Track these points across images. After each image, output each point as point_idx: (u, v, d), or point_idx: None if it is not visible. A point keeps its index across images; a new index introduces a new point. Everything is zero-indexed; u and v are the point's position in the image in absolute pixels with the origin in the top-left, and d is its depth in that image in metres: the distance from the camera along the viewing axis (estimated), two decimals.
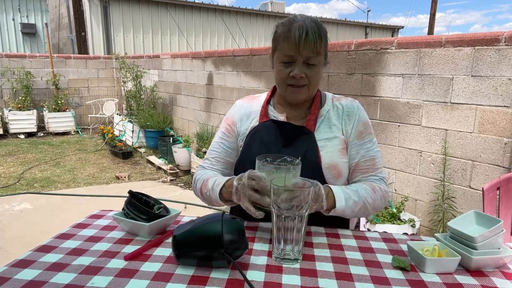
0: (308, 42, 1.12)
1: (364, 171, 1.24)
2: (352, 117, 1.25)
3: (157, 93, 6.99)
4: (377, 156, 1.25)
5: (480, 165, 2.59)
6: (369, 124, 1.27)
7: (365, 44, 3.21)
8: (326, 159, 1.19)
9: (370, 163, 1.23)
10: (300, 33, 1.12)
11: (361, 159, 1.23)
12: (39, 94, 7.90)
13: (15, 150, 6.29)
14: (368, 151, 1.24)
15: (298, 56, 1.14)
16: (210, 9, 11.92)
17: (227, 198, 1.15)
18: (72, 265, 0.89)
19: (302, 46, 1.12)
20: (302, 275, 0.87)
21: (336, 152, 1.21)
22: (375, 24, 16.07)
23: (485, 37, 2.48)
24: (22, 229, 3.30)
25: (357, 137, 1.24)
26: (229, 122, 1.34)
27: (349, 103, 1.28)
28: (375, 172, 1.24)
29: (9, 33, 12.13)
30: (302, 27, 1.13)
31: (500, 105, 2.44)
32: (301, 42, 1.12)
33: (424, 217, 2.95)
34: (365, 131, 1.25)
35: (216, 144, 1.34)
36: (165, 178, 4.96)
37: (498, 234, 0.92)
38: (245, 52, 4.80)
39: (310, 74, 1.17)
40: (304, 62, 1.16)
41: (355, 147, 1.24)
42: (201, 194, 1.27)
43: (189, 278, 0.84)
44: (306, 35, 1.12)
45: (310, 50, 1.13)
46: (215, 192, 1.17)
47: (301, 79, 1.17)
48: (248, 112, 1.32)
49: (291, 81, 1.18)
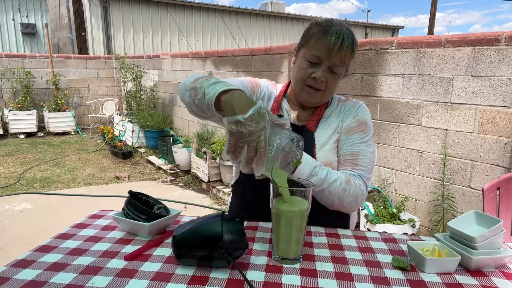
0: (342, 50, 1.11)
1: (341, 164, 1.20)
2: (350, 116, 1.24)
3: (157, 93, 6.99)
4: (361, 153, 1.19)
5: (480, 165, 2.59)
6: (366, 124, 1.23)
7: (365, 44, 3.21)
8: (321, 158, 1.18)
9: (350, 157, 1.19)
10: (336, 38, 1.10)
11: (342, 153, 1.20)
12: (39, 94, 7.90)
13: (15, 150, 6.29)
14: (352, 145, 1.20)
15: (326, 60, 1.13)
16: (210, 9, 11.92)
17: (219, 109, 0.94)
18: (72, 265, 0.89)
19: (335, 52, 1.11)
20: (302, 275, 0.87)
21: (331, 151, 1.21)
22: (375, 24, 16.07)
23: (485, 37, 2.48)
24: (22, 229, 3.30)
25: (347, 132, 1.22)
26: (255, 83, 1.29)
27: (352, 103, 1.28)
28: (354, 167, 1.18)
29: (9, 33, 12.13)
30: (340, 33, 1.11)
31: (500, 105, 2.44)
32: (335, 48, 1.10)
33: (424, 217, 2.95)
34: (357, 129, 1.22)
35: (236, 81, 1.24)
36: (165, 178, 4.96)
37: (498, 234, 0.92)
38: (245, 52, 4.80)
39: (330, 81, 1.16)
40: (329, 67, 1.14)
41: (341, 142, 1.22)
42: (193, 83, 1.04)
43: (189, 278, 0.84)
44: (342, 42, 1.10)
45: (340, 58, 1.12)
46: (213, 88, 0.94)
47: (321, 83, 1.16)
48: (270, 91, 1.30)
49: (310, 82, 1.16)
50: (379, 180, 3.24)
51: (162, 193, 4.34)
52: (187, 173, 5.00)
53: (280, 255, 0.92)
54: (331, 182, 1.10)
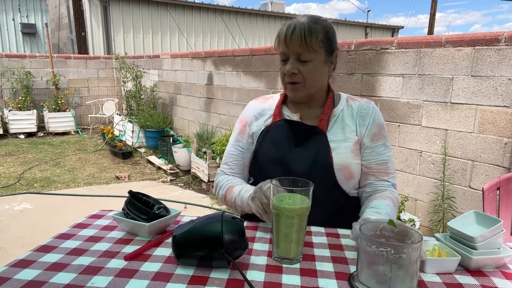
0: (294, 36, 1.13)
1: (377, 175, 1.22)
2: (367, 118, 1.24)
3: (157, 93, 6.99)
4: (389, 160, 1.24)
5: (480, 165, 2.59)
6: (383, 127, 1.26)
7: (365, 44, 3.21)
8: (338, 160, 1.18)
9: (382, 167, 1.22)
10: (287, 29, 1.15)
11: (373, 162, 1.22)
12: (39, 94, 7.90)
13: (15, 150, 6.29)
14: (381, 154, 1.23)
15: (290, 52, 1.16)
16: (210, 9, 11.92)
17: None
18: (72, 265, 0.89)
19: (289, 40, 1.14)
20: (302, 275, 0.87)
21: (349, 153, 1.20)
22: (375, 24, 16.07)
23: (485, 37, 2.48)
24: (22, 229, 3.30)
25: (371, 139, 1.23)
26: (243, 123, 1.34)
27: (365, 104, 1.27)
28: (388, 177, 1.23)
29: (9, 33, 12.13)
30: (292, 24, 1.15)
31: (500, 105, 2.44)
32: (287, 37, 1.14)
33: (424, 217, 2.95)
34: (379, 134, 1.24)
35: (232, 147, 1.34)
36: (165, 178, 4.96)
37: (498, 234, 0.92)
38: (245, 52, 4.80)
39: (304, 71, 1.16)
40: (297, 58, 1.16)
41: (368, 149, 1.22)
42: (225, 200, 1.29)
43: (189, 278, 0.84)
44: (293, 30, 1.13)
45: (297, 45, 1.14)
46: (242, 198, 1.19)
47: (294, 76, 1.17)
48: (261, 111, 1.32)
49: (287, 79, 1.20)
50: None
51: (162, 193, 4.34)
52: (187, 173, 5.00)
53: (280, 255, 0.92)
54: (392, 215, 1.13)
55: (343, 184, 1.19)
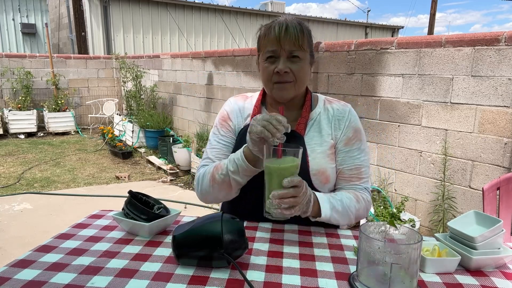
0: (289, 34, 1.13)
1: (348, 180, 1.21)
2: (343, 122, 1.22)
3: (157, 93, 6.99)
4: (363, 165, 1.22)
5: (480, 165, 2.59)
6: (360, 131, 1.24)
7: (365, 44, 3.21)
8: (314, 165, 1.17)
9: (355, 172, 1.21)
10: (280, 27, 1.14)
11: (346, 167, 1.21)
12: (39, 94, 7.90)
13: (15, 150, 6.29)
14: (354, 159, 1.21)
15: (281, 50, 1.15)
16: (210, 9, 11.92)
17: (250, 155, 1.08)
18: (72, 265, 0.89)
19: (283, 38, 1.13)
20: (302, 275, 0.87)
21: (325, 158, 1.19)
22: (375, 24, 16.08)
23: (485, 37, 2.48)
24: (22, 229, 3.30)
25: (346, 143, 1.21)
26: (224, 118, 1.32)
27: (341, 107, 1.26)
28: (360, 181, 1.22)
29: (9, 33, 12.12)
30: (283, 22, 1.15)
31: (500, 105, 2.44)
32: (281, 34, 1.13)
33: (424, 217, 2.95)
34: (355, 138, 1.22)
35: (214, 141, 1.30)
36: (165, 178, 4.96)
37: (498, 234, 0.92)
38: (245, 52, 4.80)
39: (296, 69, 1.15)
40: (288, 56, 1.15)
41: (342, 154, 1.21)
42: (213, 180, 1.17)
43: (189, 278, 0.84)
44: (286, 28, 1.13)
45: (291, 43, 1.13)
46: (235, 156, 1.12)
47: (286, 75, 1.15)
48: (241, 108, 1.31)
49: (276, 78, 1.17)
50: (379, 180, 3.24)
51: (162, 193, 4.34)
52: (187, 173, 5.00)
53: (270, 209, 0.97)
54: (346, 208, 1.14)
55: (319, 188, 1.18)
